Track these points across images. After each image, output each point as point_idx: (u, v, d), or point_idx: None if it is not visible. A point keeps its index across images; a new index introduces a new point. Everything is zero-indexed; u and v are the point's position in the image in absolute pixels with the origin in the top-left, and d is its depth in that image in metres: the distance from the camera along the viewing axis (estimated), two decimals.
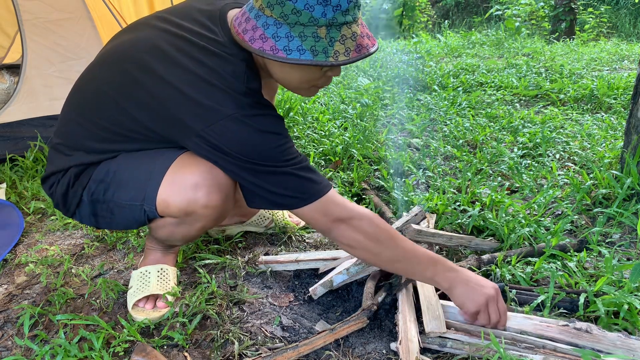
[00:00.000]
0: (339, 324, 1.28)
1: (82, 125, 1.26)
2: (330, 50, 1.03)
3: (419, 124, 3.00)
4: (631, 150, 1.92)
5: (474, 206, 1.89)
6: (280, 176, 1.13)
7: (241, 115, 1.10)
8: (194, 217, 1.25)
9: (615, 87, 3.58)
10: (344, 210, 1.18)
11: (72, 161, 1.27)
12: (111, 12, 2.84)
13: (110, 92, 1.20)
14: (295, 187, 1.15)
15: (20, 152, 2.46)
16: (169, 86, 1.11)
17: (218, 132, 1.09)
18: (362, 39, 1.08)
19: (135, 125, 1.20)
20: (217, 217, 1.28)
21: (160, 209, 1.23)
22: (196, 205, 1.21)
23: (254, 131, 1.10)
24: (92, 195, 1.27)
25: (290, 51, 1.03)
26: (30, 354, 1.27)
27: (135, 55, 1.17)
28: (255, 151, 1.11)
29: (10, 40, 3.58)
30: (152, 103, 1.14)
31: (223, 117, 1.09)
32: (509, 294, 1.35)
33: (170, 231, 1.33)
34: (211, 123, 1.09)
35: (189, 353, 1.25)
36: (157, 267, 1.45)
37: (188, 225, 1.29)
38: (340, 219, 1.17)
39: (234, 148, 1.10)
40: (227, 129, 1.09)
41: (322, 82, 1.20)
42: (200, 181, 1.19)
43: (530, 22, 8.06)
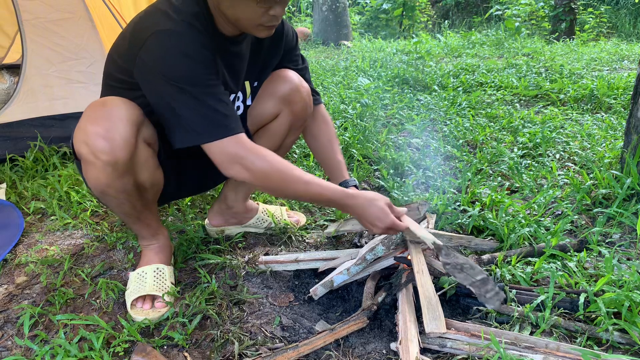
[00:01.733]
0: (339, 324, 1.28)
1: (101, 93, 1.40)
2: None
3: (419, 124, 3.00)
4: (631, 150, 1.92)
5: (474, 206, 1.89)
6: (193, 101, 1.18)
7: (167, 31, 1.17)
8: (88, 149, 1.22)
9: (615, 87, 3.58)
10: (242, 149, 1.22)
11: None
12: (111, 13, 2.84)
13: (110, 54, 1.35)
14: (207, 120, 1.20)
15: (20, 152, 2.46)
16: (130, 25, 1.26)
17: (149, 46, 1.17)
18: None
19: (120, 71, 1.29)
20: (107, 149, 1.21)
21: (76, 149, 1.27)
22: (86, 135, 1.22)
23: (170, 48, 1.17)
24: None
25: None
26: (30, 354, 1.27)
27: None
28: (170, 64, 1.16)
29: (10, 40, 3.58)
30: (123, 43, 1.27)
31: (154, 31, 1.17)
32: (509, 294, 1.35)
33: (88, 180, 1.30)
34: (144, 41, 1.18)
35: (189, 353, 1.25)
36: (153, 267, 1.46)
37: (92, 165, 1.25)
38: (236, 157, 1.22)
39: (153, 58, 1.17)
40: (151, 45, 1.17)
41: (266, 20, 1.24)
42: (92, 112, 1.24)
43: (530, 22, 8.06)
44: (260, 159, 1.23)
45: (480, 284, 1.24)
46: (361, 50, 6.91)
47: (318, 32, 8.44)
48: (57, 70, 2.58)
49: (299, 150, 2.61)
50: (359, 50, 7.01)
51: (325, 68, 5.26)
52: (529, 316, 1.27)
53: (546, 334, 1.25)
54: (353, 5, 11.54)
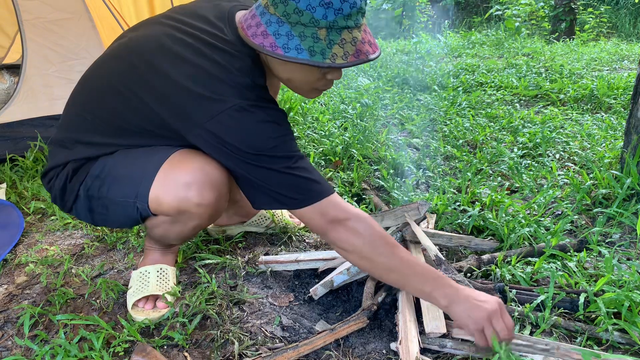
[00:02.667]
0: (339, 324, 1.28)
1: (84, 117, 1.27)
2: (328, 52, 1.04)
3: (419, 124, 3.00)
4: (631, 150, 1.92)
5: (474, 206, 1.89)
6: (281, 174, 1.13)
7: (246, 105, 1.10)
8: (187, 215, 1.24)
9: (615, 87, 3.58)
10: (342, 211, 1.16)
11: (71, 155, 1.28)
12: (111, 13, 2.84)
13: (116, 84, 1.22)
14: (296, 187, 1.14)
15: (20, 152, 2.46)
16: (175, 81, 1.12)
17: (221, 122, 1.10)
18: (362, 45, 1.08)
19: (139, 119, 1.21)
20: (210, 216, 1.28)
21: (153, 207, 1.23)
22: (188, 204, 1.21)
23: (256, 121, 1.11)
24: (88, 190, 1.28)
25: (289, 49, 1.04)
26: (30, 354, 1.27)
27: (142, 52, 1.19)
28: (257, 141, 1.10)
29: (10, 40, 3.58)
30: (157, 96, 1.15)
31: (227, 107, 1.09)
32: (509, 294, 1.35)
33: (164, 230, 1.33)
34: (216, 114, 1.09)
35: (189, 353, 1.25)
36: (157, 267, 1.45)
37: (182, 224, 1.29)
38: (337, 220, 1.15)
39: (236, 138, 1.10)
40: (230, 118, 1.09)
41: (322, 85, 1.20)
42: (192, 179, 1.19)
43: (530, 22, 8.06)
44: (362, 221, 1.15)
45: None
46: None
47: None
48: (57, 70, 2.58)
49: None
50: None
51: None
52: (529, 316, 1.27)
53: (546, 334, 1.25)
54: None
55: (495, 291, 1.35)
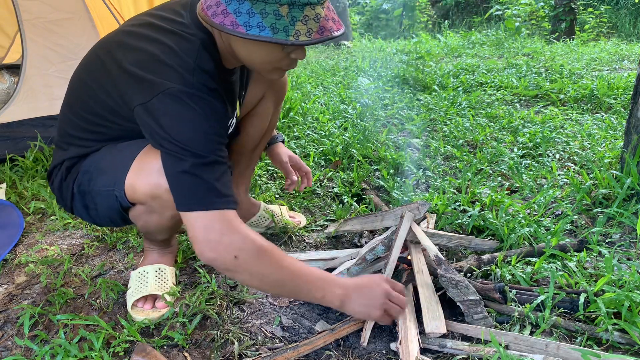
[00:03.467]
0: (339, 324, 1.28)
1: (70, 118, 1.31)
2: (291, 30, 1.02)
3: (419, 124, 3.00)
4: (631, 150, 1.92)
5: (474, 206, 1.89)
6: (179, 168, 1.08)
7: (178, 90, 1.08)
8: (160, 201, 1.22)
9: (615, 87, 3.58)
10: (229, 229, 1.09)
11: (65, 155, 1.32)
12: (111, 12, 2.84)
13: (86, 80, 1.25)
14: (187, 185, 1.09)
15: (20, 152, 2.46)
16: (122, 69, 1.14)
17: (153, 104, 1.08)
18: (326, 22, 1.06)
19: (104, 110, 1.23)
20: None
21: (129, 194, 1.24)
22: (160, 189, 1.19)
23: (184, 109, 1.08)
24: (79, 186, 1.30)
25: (250, 27, 1.01)
26: (30, 354, 1.27)
27: (107, 45, 1.22)
28: (173, 130, 1.08)
29: (10, 40, 3.58)
30: (114, 85, 1.17)
31: (161, 90, 1.08)
32: (509, 294, 1.35)
33: (144, 221, 1.32)
34: (150, 97, 1.08)
35: (189, 353, 1.25)
36: (155, 267, 1.45)
37: (158, 214, 1.28)
38: (221, 238, 1.08)
39: (157, 122, 1.09)
40: (160, 102, 1.08)
41: (285, 64, 1.18)
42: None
43: (530, 22, 8.06)
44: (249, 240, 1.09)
45: (471, 304, 1.26)
46: (361, 50, 6.91)
47: None
48: (57, 70, 2.58)
49: (299, 151, 2.61)
50: (359, 50, 7.02)
51: (325, 68, 5.26)
52: (529, 316, 1.27)
53: (546, 334, 1.25)
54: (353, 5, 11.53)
55: (495, 291, 1.35)
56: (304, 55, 1.16)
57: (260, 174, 2.35)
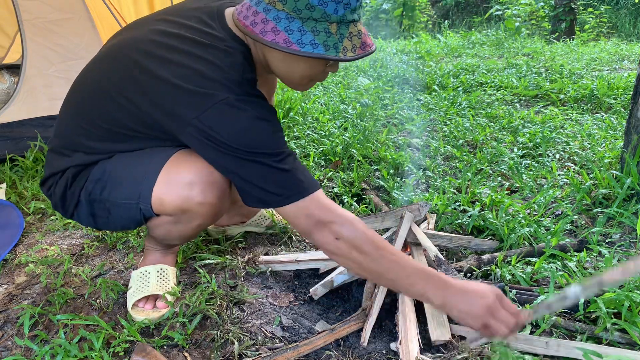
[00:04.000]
0: (339, 324, 1.28)
1: (80, 124, 1.26)
2: (340, 46, 1.07)
3: (419, 124, 3.00)
4: (631, 150, 1.92)
5: (474, 206, 1.89)
6: (266, 169, 1.10)
7: (234, 99, 1.09)
8: (189, 215, 1.25)
9: (615, 87, 3.58)
10: (327, 212, 1.12)
11: (70, 162, 1.28)
12: (111, 12, 2.84)
13: (108, 89, 1.20)
14: (280, 182, 1.11)
15: (20, 152, 2.46)
16: (164, 80, 1.11)
17: (210, 117, 1.08)
18: (365, 37, 1.12)
19: (132, 122, 1.20)
20: (213, 215, 1.28)
21: (156, 207, 1.23)
22: (191, 203, 1.21)
23: (246, 116, 1.09)
24: (89, 195, 1.27)
25: (304, 44, 1.05)
26: (30, 354, 1.27)
27: (131, 54, 1.18)
28: (246, 137, 1.09)
29: (10, 40, 3.58)
30: (148, 96, 1.14)
31: (217, 101, 1.08)
32: (509, 294, 1.35)
33: (167, 230, 1.33)
34: (205, 109, 1.08)
35: (189, 353, 1.25)
36: (157, 267, 1.45)
37: (184, 224, 1.29)
38: (322, 222, 1.11)
39: (224, 133, 1.08)
40: (219, 112, 1.08)
41: (320, 77, 1.22)
42: (194, 179, 1.19)
43: (530, 22, 8.06)
44: (349, 224, 1.11)
45: None
46: None
47: None
48: (57, 70, 2.58)
49: (299, 151, 2.61)
50: None
51: None
52: None
53: (546, 334, 1.25)
54: None
55: None
56: (337, 69, 1.21)
57: None
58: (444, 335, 1.20)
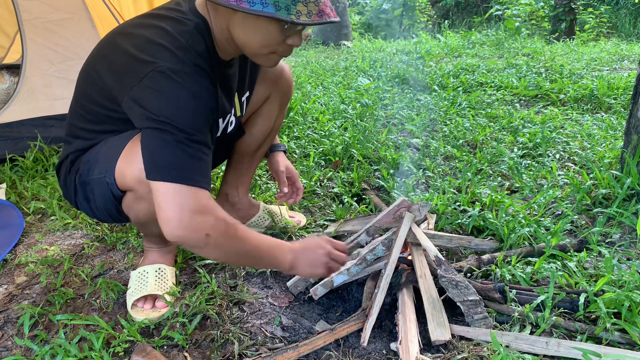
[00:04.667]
0: (339, 324, 1.28)
1: (76, 110, 1.34)
2: (293, 9, 1.05)
3: (419, 124, 3.00)
4: (631, 150, 1.92)
5: (474, 206, 1.89)
6: (164, 139, 1.08)
7: (168, 68, 1.09)
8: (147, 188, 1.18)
9: (615, 87, 3.58)
10: (204, 209, 1.09)
11: (70, 148, 1.35)
12: (111, 12, 2.84)
13: (87, 68, 1.28)
14: (170, 157, 1.07)
15: (20, 152, 2.46)
16: (123, 52, 1.16)
17: (145, 85, 1.09)
18: (324, 7, 1.10)
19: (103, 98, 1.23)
20: None
21: (119, 181, 1.24)
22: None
23: (175, 87, 1.09)
24: (80, 177, 1.31)
25: (254, 3, 1.04)
26: (30, 354, 1.27)
27: (109, 36, 1.26)
28: (162, 104, 1.08)
29: (10, 40, 3.58)
30: (111, 70, 1.19)
31: (152, 69, 1.09)
32: (509, 294, 1.35)
33: (135, 211, 1.30)
34: (142, 76, 1.10)
35: (189, 353, 1.25)
36: (155, 267, 1.45)
37: (146, 200, 1.24)
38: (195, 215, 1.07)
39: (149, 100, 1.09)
40: (151, 80, 1.09)
41: (281, 50, 1.19)
42: None
43: (530, 22, 8.06)
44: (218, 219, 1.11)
45: (471, 305, 1.26)
46: (361, 50, 6.90)
47: (318, 32, 8.44)
48: (57, 70, 2.58)
49: (299, 151, 2.61)
50: (359, 50, 7.01)
51: (325, 68, 5.26)
52: (529, 316, 1.27)
53: (546, 334, 1.25)
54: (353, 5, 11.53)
55: (495, 291, 1.35)
56: (300, 42, 1.18)
57: (261, 174, 2.35)
58: (443, 335, 1.21)
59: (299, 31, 1.16)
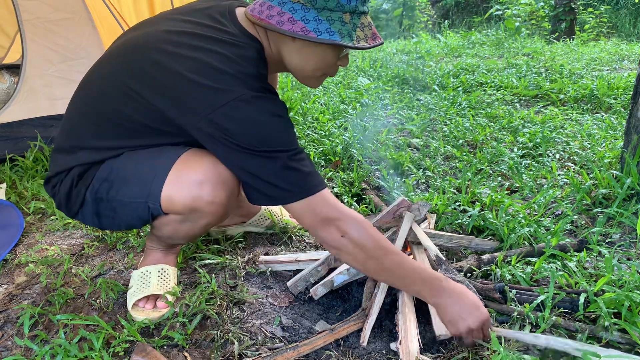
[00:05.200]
0: (339, 324, 1.28)
1: (86, 121, 1.27)
2: (354, 35, 1.12)
3: (419, 124, 3.00)
4: (631, 150, 1.92)
5: (474, 206, 1.89)
6: (277, 166, 1.12)
7: (250, 96, 1.10)
8: (198, 213, 1.25)
9: (615, 87, 3.58)
10: (334, 210, 1.15)
11: (76, 160, 1.27)
12: (111, 13, 2.84)
13: (117, 83, 1.21)
14: (289, 179, 1.13)
15: (20, 152, 2.46)
16: (177, 73, 1.11)
17: (226, 113, 1.09)
18: (374, 29, 1.18)
19: (141, 116, 1.19)
20: (221, 214, 1.28)
21: (165, 206, 1.23)
22: (201, 202, 1.21)
23: (260, 112, 1.11)
24: (95, 194, 1.26)
25: (320, 32, 1.09)
26: (30, 354, 1.27)
27: (143, 49, 1.19)
28: (259, 133, 1.10)
29: (10, 40, 3.58)
30: (159, 89, 1.14)
31: (232, 98, 1.09)
32: (509, 294, 1.35)
33: (173, 229, 1.32)
34: (220, 105, 1.09)
35: (189, 353, 1.25)
36: (158, 267, 1.45)
37: (192, 223, 1.29)
38: (329, 219, 1.15)
39: (237, 129, 1.10)
40: (234, 109, 1.09)
41: (332, 71, 1.25)
42: (205, 178, 1.20)
43: (530, 22, 8.06)
44: (355, 223, 1.15)
45: None
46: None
47: None
48: (57, 70, 2.58)
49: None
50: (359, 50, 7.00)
51: None
52: (529, 316, 1.27)
53: (546, 334, 1.25)
54: None
55: (495, 291, 1.35)
56: (348, 63, 1.24)
57: None
58: (448, 330, 1.20)
59: (347, 53, 1.22)
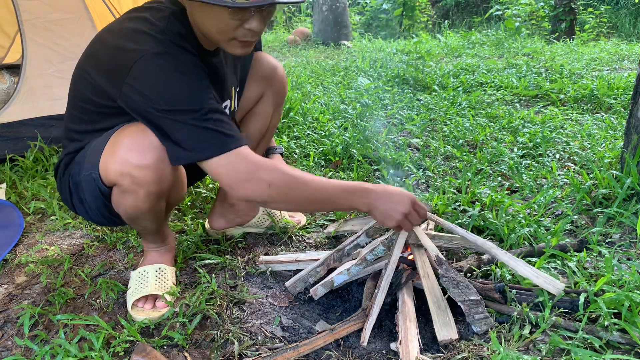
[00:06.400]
0: (339, 324, 1.28)
1: (70, 112, 1.35)
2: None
3: (419, 124, 3.00)
4: (631, 150, 1.92)
5: (474, 206, 1.89)
6: (185, 125, 1.13)
7: (152, 54, 1.13)
8: (129, 179, 1.22)
9: (615, 87, 3.58)
10: (254, 165, 1.17)
11: (66, 151, 1.35)
12: (111, 12, 2.84)
13: (78, 69, 1.29)
14: (203, 138, 1.14)
15: (20, 152, 2.46)
16: (107, 47, 1.20)
17: (137, 72, 1.13)
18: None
19: (94, 94, 1.25)
20: (155, 181, 1.24)
21: (103, 176, 1.24)
22: (129, 166, 1.20)
23: (166, 70, 1.13)
24: (72, 178, 1.32)
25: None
26: (30, 354, 1.27)
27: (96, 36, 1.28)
28: (164, 91, 1.12)
29: (10, 40, 3.58)
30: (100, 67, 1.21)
31: (138, 58, 1.12)
32: (509, 294, 1.35)
33: (122, 207, 1.31)
34: (130, 66, 1.12)
35: (189, 353, 1.25)
36: (155, 267, 1.46)
37: (132, 194, 1.26)
38: (247, 172, 1.16)
39: (146, 88, 1.13)
40: (140, 69, 1.12)
41: (241, 34, 1.18)
42: (132, 142, 1.20)
43: (530, 22, 8.06)
44: (274, 170, 1.18)
45: (472, 305, 1.26)
46: (361, 50, 6.91)
47: (318, 32, 8.44)
48: (57, 70, 2.58)
49: (299, 151, 2.61)
50: (359, 50, 7.01)
51: (325, 68, 5.26)
52: (528, 316, 1.27)
53: (546, 334, 1.25)
54: (353, 5, 11.53)
55: (495, 291, 1.35)
56: (259, 26, 1.17)
57: None
58: (450, 334, 1.21)
59: (255, 15, 1.14)
